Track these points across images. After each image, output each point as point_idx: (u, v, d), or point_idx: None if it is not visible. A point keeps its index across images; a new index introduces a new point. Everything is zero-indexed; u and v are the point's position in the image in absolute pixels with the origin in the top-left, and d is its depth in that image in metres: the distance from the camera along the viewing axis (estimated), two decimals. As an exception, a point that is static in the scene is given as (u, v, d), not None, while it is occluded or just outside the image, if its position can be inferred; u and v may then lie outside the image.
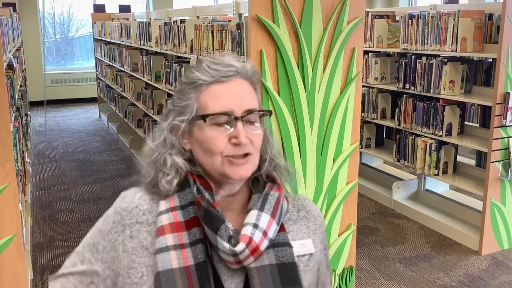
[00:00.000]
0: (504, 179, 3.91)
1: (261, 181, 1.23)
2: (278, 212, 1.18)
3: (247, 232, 1.12)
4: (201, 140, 1.15)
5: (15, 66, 5.09)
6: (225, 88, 1.15)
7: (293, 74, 2.81)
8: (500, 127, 3.78)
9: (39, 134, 8.30)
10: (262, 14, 2.69)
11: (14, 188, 2.94)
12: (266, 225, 1.14)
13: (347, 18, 2.88)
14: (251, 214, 1.16)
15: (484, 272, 3.69)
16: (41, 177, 6.06)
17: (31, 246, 4.09)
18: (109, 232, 1.18)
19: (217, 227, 1.11)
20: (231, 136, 1.12)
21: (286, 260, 1.15)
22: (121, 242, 1.16)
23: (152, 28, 5.36)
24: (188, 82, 1.19)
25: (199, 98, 1.16)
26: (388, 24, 4.92)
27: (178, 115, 1.18)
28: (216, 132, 1.13)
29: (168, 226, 1.13)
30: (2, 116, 2.83)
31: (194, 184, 1.17)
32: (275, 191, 1.21)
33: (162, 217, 1.14)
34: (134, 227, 1.17)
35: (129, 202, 1.20)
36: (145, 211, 1.19)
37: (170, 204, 1.16)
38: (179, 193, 1.16)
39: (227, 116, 1.13)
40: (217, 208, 1.13)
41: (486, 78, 4.51)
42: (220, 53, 3.35)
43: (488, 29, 4.14)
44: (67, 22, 12.16)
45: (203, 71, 1.17)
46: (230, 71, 1.16)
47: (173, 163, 1.18)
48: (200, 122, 1.15)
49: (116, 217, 1.19)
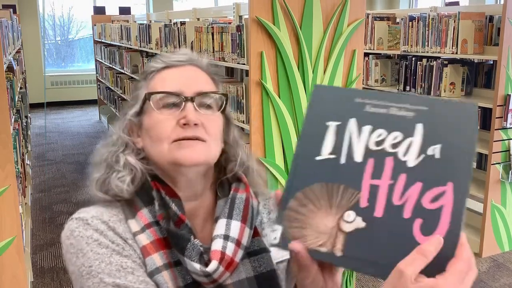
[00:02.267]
0: (504, 181, 3.91)
1: (226, 184, 1.12)
2: (249, 215, 1.07)
3: (217, 247, 1.01)
4: (148, 127, 1.06)
5: (15, 68, 5.09)
6: (176, 72, 1.09)
7: (294, 76, 2.80)
8: (501, 129, 3.78)
9: (39, 136, 8.29)
10: (262, 16, 2.69)
11: (14, 190, 2.94)
12: (238, 234, 1.03)
13: (347, 20, 2.88)
14: (220, 224, 1.04)
15: (484, 275, 3.68)
16: (41, 179, 6.05)
17: (31, 248, 4.08)
18: (113, 243, 1.01)
19: (183, 247, 0.99)
20: (179, 118, 1.03)
21: (264, 269, 1.05)
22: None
23: (152, 30, 5.36)
24: (141, 73, 1.14)
25: (148, 86, 1.09)
26: (389, 26, 4.92)
27: (130, 109, 1.11)
28: (162, 116, 1.04)
29: (150, 246, 1.00)
30: (2, 118, 2.82)
31: (158, 195, 1.04)
32: (241, 192, 1.10)
33: (139, 238, 1.01)
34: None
35: (91, 218, 1.03)
36: (111, 229, 1.03)
37: (143, 221, 1.02)
38: (149, 208, 1.03)
39: (175, 96, 1.05)
40: (185, 222, 1.01)
41: (486, 80, 4.50)
42: (221, 55, 3.35)
43: (489, 31, 4.14)
44: (67, 24, 12.16)
45: (156, 60, 1.12)
46: (183, 58, 1.11)
47: (126, 162, 1.07)
48: (148, 108, 1.07)
49: (96, 227, 1.02)
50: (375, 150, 0.80)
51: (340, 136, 0.83)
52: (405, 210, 0.77)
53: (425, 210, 0.76)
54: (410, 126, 0.79)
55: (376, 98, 0.83)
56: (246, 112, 3.06)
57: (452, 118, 0.79)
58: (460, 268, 0.74)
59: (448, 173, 0.76)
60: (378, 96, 0.83)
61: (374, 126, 0.81)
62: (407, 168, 0.78)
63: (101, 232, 1.00)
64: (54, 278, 3.65)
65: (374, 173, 0.79)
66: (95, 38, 9.58)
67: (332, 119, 0.84)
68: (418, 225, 0.76)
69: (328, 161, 0.83)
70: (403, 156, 0.79)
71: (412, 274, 0.72)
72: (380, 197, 0.78)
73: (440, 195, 0.76)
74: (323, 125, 0.84)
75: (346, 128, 0.83)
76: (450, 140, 0.77)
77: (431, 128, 0.78)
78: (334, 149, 0.83)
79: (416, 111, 0.80)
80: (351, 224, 0.79)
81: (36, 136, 8.31)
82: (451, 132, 0.78)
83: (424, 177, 0.77)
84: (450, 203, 0.75)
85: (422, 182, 0.77)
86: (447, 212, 0.75)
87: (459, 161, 0.76)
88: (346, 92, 0.90)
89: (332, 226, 0.80)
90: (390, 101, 0.82)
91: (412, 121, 0.79)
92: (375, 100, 0.83)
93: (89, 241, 0.99)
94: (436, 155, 0.77)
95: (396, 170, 0.78)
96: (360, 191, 0.80)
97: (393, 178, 0.78)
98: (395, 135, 0.80)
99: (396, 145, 0.79)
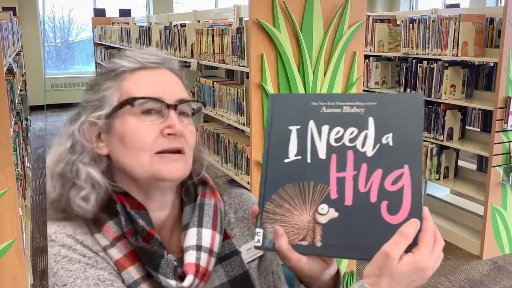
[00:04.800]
0: (505, 184, 3.90)
1: (191, 188, 1.07)
2: (218, 221, 1.03)
3: (191, 259, 0.96)
4: (123, 135, 0.96)
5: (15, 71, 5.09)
6: (152, 75, 1.01)
7: (294, 78, 2.80)
8: (502, 131, 3.77)
9: (39, 139, 8.29)
10: (263, 18, 2.69)
11: (14, 193, 2.93)
12: (209, 242, 0.99)
13: (348, 22, 2.88)
14: (190, 234, 0.99)
15: (485, 277, 3.68)
16: (41, 181, 6.05)
17: (31, 251, 4.07)
18: (84, 256, 0.94)
19: (156, 264, 0.93)
20: (163, 127, 0.96)
21: (237, 273, 1.04)
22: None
23: (152, 33, 5.36)
24: (106, 71, 1.03)
25: (121, 87, 0.99)
26: (389, 28, 4.92)
27: (93, 111, 0.99)
28: (143, 124, 0.96)
29: (124, 259, 0.94)
30: (2, 120, 2.82)
31: (122, 209, 0.96)
32: (209, 197, 1.06)
33: (110, 252, 0.95)
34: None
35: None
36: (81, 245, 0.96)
37: (111, 235, 0.95)
38: (115, 220, 0.96)
39: (158, 103, 0.97)
40: (155, 236, 0.96)
41: (487, 83, 4.49)
42: (221, 57, 3.35)
43: (489, 33, 4.14)
44: (67, 26, 12.16)
45: (125, 58, 1.02)
46: (157, 59, 1.03)
47: (88, 176, 0.96)
48: (123, 113, 0.97)
49: (62, 242, 0.94)
50: (336, 146, 0.89)
51: (302, 138, 0.91)
52: (371, 195, 0.86)
53: (389, 192, 0.85)
54: (363, 120, 0.88)
55: (329, 100, 0.92)
56: (246, 114, 3.06)
57: (399, 109, 0.87)
58: (429, 239, 0.83)
59: (402, 157, 0.86)
60: (331, 98, 0.92)
61: (331, 125, 0.90)
62: (366, 158, 0.87)
63: (69, 247, 0.93)
64: (54, 281, 3.64)
65: (338, 167, 0.89)
66: (95, 40, 9.58)
67: (293, 124, 0.92)
68: (385, 206, 0.86)
69: (296, 162, 0.91)
70: (361, 148, 0.88)
71: (397, 256, 0.81)
72: (347, 187, 0.88)
73: (399, 177, 0.86)
74: (286, 130, 0.92)
75: (307, 130, 0.91)
76: (400, 128, 0.86)
77: (381, 120, 0.88)
78: (299, 150, 0.91)
79: (366, 107, 0.89)
80: (326, 215, 0.88)
81: (36, 139, 8.31)
82: (400, 121, 0.87)
83: (382, 163, 0.87)
84: (409, 182, 0.85)
85: (382, 168, 0.87)
86: (407, 191, 0.85)
87: (411, 146, 0.86)
88: (302, 97, 1.00)
89: (309, 220, 0.89)
90: (342, 100, 0.91)
91: (364, 116, 0.88)
92: (329, 102, 0.91)
93: (58, 258, 0.92)
94: (390, 143, 0.87)
95: (357, 161, 0.88)
96: (329, 185, 0.89)
97: (356, 168, 0.88)
98: (351, 130, 0.89)
99: (354, 139, 0.89)
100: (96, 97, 1.00)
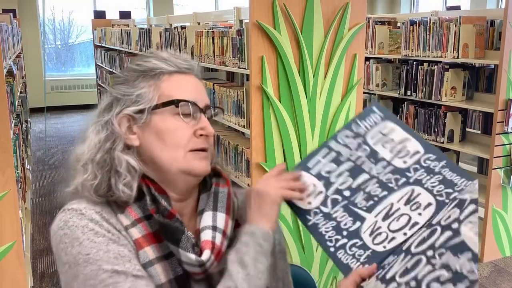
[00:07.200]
0: (506, 186, 3.90)
1: (207, 179, 1.16)
2: (231, 208, 1.14)
3: (207, 237, 1.06)
4: (162, 131, 1.07)
5: (15, 73, 5.09)
6: (186, 80, 1.12)
7: (294, 80, 2.80)
8: (502, 133, 3.77)
9: (39, 141, 8.28)
10: (263, 20, 2.68)
11: (14, 195, 2.93)
12: (224, 225, 1.09)
13: (348, 24, 2.88)
14: (206, 216, 1.10)
15: (485, 280, 3.67)
16: (41, 183, 6.04)
17: (31, 253, 4.07)
18: (109, 232, 1.02)
19: (178, 239, 1.03)
20: (197, 128, 1.08)
21: None
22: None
23: (152, 35, 5.36)
24: (143, 70, 1.11)
25: (160, 87, 1.09)
26: (390, 31, 4.92)
27: (130, 105, 1.08)
28: (179, 123, 1.07)
29: (143, 239, 1.04)
30: (2, 122, 2.82)
31: (148, 191, 1.06)
32: (223, 186, 1.16)
33: (131, 231, 1.04)
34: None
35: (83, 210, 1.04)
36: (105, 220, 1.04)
37: (133, 216, 1.05)
38: (138, 203, 1.06)
39: (194, 106, 1.08)
40: (176, 215, 1.05)
41: (488, 85, 4.49)
42: (221, 60, 3.34)
43: (490, 35, 4.14)
44: (67, 29, 12.17)
45: (162, 60, 1.12)
46: (189, 65, 1.14)
47: (127, 164, 1.06)
48: (163, 111, 1.07)
49: (90, 216, 1.03)
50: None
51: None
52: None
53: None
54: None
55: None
56: (246, 116, 3.05)
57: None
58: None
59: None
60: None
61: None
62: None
63: (96, 222, 1.02)
64: (54, 283, 3.64)
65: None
66: (95, 43, 9.58)
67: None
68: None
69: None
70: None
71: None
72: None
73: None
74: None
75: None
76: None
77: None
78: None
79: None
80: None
81: (36, 141, 8.30)
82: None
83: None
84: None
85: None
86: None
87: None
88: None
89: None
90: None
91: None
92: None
93: (85, 230, 1.00)
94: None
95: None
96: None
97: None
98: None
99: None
100: (132, 92, 1.09)
